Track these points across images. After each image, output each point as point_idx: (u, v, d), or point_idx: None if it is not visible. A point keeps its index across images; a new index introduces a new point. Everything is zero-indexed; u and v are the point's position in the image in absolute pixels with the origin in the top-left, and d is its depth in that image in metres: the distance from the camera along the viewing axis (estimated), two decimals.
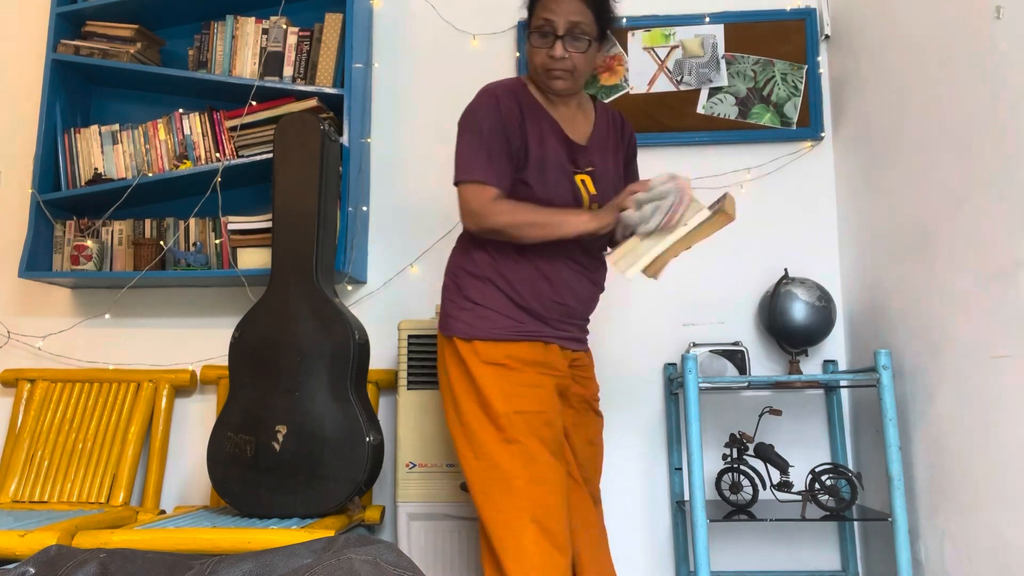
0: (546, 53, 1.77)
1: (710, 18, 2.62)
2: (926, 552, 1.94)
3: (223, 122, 2.54)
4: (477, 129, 1.75)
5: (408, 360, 2.24)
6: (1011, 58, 1.58)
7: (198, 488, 2.57)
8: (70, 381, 2.55)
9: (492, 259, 1.78)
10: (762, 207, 2.55)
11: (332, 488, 2.07)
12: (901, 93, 2.08)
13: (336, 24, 2.53)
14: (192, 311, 2.66)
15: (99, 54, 2.58)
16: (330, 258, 2.34)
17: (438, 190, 2.65)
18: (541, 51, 1.78)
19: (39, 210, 2.51)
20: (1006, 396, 1.60)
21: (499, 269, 1.78)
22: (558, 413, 1.75)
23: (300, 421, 2.11)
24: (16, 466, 2.42)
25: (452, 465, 2.19)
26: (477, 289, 1.78)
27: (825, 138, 2.56)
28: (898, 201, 2.09)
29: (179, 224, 2.59)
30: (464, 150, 1.75)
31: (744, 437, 2.14)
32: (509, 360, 1.72)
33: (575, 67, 1.77)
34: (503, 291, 1.77)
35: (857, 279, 2.38)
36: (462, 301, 1.78)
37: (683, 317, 2.53)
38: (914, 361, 2.00)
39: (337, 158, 2.42)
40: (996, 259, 1.63)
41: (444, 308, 1.82)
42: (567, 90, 1.82)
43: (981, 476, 1.70)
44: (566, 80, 1.79)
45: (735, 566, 2.42)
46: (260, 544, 1.83)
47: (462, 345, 1.75)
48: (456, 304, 1.79)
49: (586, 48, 1.77)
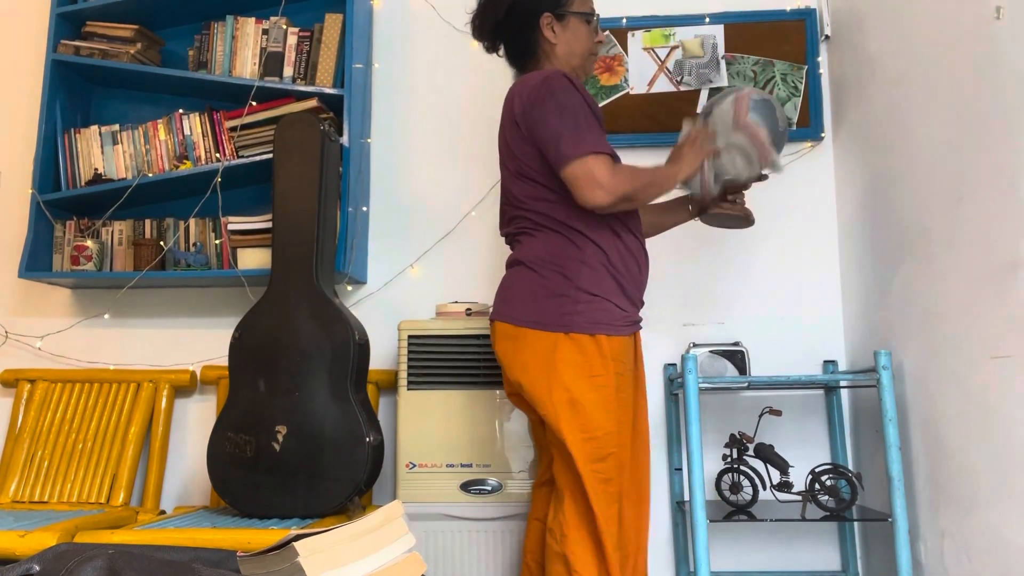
0: (595, 39, 1.87)
1: (710, 18, 2.62)
2: (926, 552, 1.94)
3: (223, 122, 2.54)
4: (570, 106, 1.71)
5: (408, 360, 2.24)
6: (1011, 58, 1.58)
7: (198, 488, 2.57)
8: (70, 381, 2.55)
9: (598, 247, 1.75)
10: (762, 207, 2.55)
11: (332, 488, 2.07)
12: (901, 93, 2.08)
13: (336, 24, 2.53)
14: (192, 311, 2.66)
15: (99, 54, 2.58)
16: (330, 258, 2.34)
17: (438, 190, 2.65)
18: (589, 37, 1.86)
19: (39, 210, 2.51)
20: (1006, 396, 1.60)
21: (608, 256, 1.76)
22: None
23: (300, 421, 2.11)
24: (16, 466, 2.42)
25: (452, 465, 2.19)
26: (590, 278, 1.73)
27: (825, 138, 2.56)
28: (898, 201, 2.09)
29: (179, 224, 2.59)
30: (568, 127, 1.69)
31: (744, 437, 2.14)
32: (622, 360, 1.74)
33: None
34: (616, 279, 1.76)
35: (857, 279, 2.38)
36: (575, 292, 1.72)
37: (683, 317, 2.53)
38: (914, 361, 2.00)
39: (337, 158, 2.42)
40: (996, 259, 1.63)
41: (548, 301, 1.73)
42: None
43: (981, 476, 1.70)
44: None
45: (735, 566, 2.42)
46: (260, 544, 1.83)
47: (584, 340, 1.71)
48: (569, 297, 1.72)
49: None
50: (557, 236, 1.77)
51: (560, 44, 1.84)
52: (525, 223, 1.83)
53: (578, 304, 1.72)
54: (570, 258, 1.75)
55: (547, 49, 1.86)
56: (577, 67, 1.86)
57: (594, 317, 1.72)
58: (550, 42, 1.84)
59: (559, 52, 1.85)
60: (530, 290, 1.76)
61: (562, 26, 1.82)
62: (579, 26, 1.83)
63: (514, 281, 1.81)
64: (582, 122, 1.69)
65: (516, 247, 1.87)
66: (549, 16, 1.83)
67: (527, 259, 1.79)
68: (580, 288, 1.73)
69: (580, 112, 1.70)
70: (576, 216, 1.75)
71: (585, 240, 1.75)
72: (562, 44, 1.84)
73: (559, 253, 1.76)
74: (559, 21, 1.82)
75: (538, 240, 1.79)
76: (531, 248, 1.80)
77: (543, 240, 1.78)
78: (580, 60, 1.86)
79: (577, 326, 1.71)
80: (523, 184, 1.81)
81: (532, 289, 1.76)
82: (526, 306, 1.76)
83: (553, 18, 1.83)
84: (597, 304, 1.73)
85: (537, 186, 1.78)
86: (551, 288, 1.74)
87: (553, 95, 1.71)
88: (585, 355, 1.71)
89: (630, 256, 1.80)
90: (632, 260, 1.80)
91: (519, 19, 1.85)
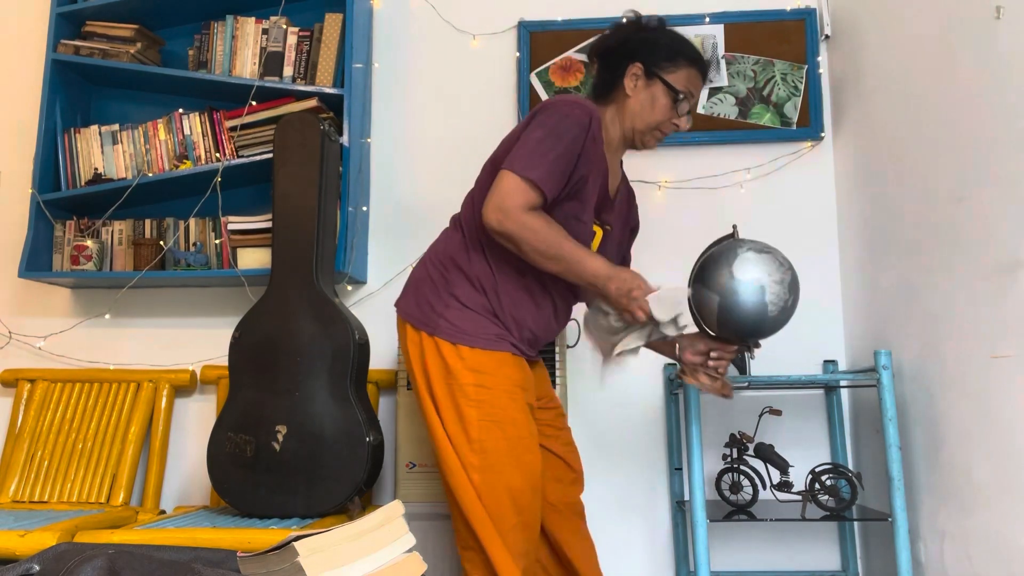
0: (673, 119, 1.74)
1: (710, 18, 2.62)
2: (926, 552, 1.94)
3: (223, 122, 2.54)
4: (558, 132, 1.61)
5: None
6: (1011, 58, 1.58)
7: (198, 488, 2.57)
8: (70, 381, 2.55)
9: (491, 269, 1.69)
10: (762, 207, 2.55)
11: (332, 488, 2.07)
12: (901, 93, 2.08)
13: (336, 24, 2.53)
14: (192, 311, 2.66)
15: (99, 54, 2.58)
16: (330, 258, 2.34)
17: (438, 190, 2.65)
18: (667, 113, 1.73)
19: (39, 210, 2.51)
20: (1006, 396, 1.60)
21: (495, 282, 1.69)
22: (535, 436, 1.69)
23: (300, 421, 2.11)
24: (16, 466, 2.42)
25: None
26: (465, 291, 1.69)
27: (825, 138, 2.56)
28: (898, 201, 2.09)
29: (179, 224, 2.59)
30: (533, 144, 1.60)
31: (744, 437, 2.14)
32: (491, 373, 1.64)
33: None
34: (490, 304, 1.69)
35: (857, 279, 2.38)
36: (447, 297, 1.69)
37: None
38: (914, 361, 2.00)
39: (337, 158, 2.42)
40: (996, 259, 1.63)
41: (424, 298, 1.71)
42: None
43: (981, 476, 1.70)
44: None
45: (735, 566, 2.42)
46: (260, 544, 1.83)
47: (446, 347, 1.66)
48: (440, 300, 1.69)
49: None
50: (459, 238, 1.75)
51: (634, 99, 1.74)
52: (455, 215, 1.83)
53: (447, 309, 1.68)
54: (454, 262, 1.72)
55: (621, 97, 1.76)
56: (637, 130, 1.75)
57: (460, 326, 1.66)
58: (625, 92, 1.74)
59: (630, 106, 1.74)
60: (417, 281, 1.76)
61: (646, 84, 1.73)
62: (661, 96, 1.72)
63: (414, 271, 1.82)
64: (549, 152, 1.59)
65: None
66: (639, 68, 1.73)
67: (428, 251, 1.81)
68: (452, 294, 1.69)
69: (558, 145, 1.60)
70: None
71: (480, 256, 1.70)
72: (636, 101, 1.73)
73: (448, 252, 1.74)
74: (646, 78, 1.73)
75: (450, 237, 1.78)
76: (436, 241, 1.81)
77: (450, 238, 1.77)
78: (644, 126, 1.74)
79: (443, 331, 1.67)
80: (479, 179, 1.79)
81: (419, 281, 1.76)
82: (406, 297, 1.77)
83: (643, 72, 1.73)
84: (467, 315, 1.67)
85: (480, 187, 1.76)
86: (425, 284, 1.73)
87: (560, 115, 1.63)
88: (444, 360, 1.66)
89: (530, 303, 1.72)
90: (530, 307, 1.72)
91: (620, 55, 1.76)
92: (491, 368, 1.65)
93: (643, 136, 1.76)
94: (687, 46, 1.77)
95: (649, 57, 1.73)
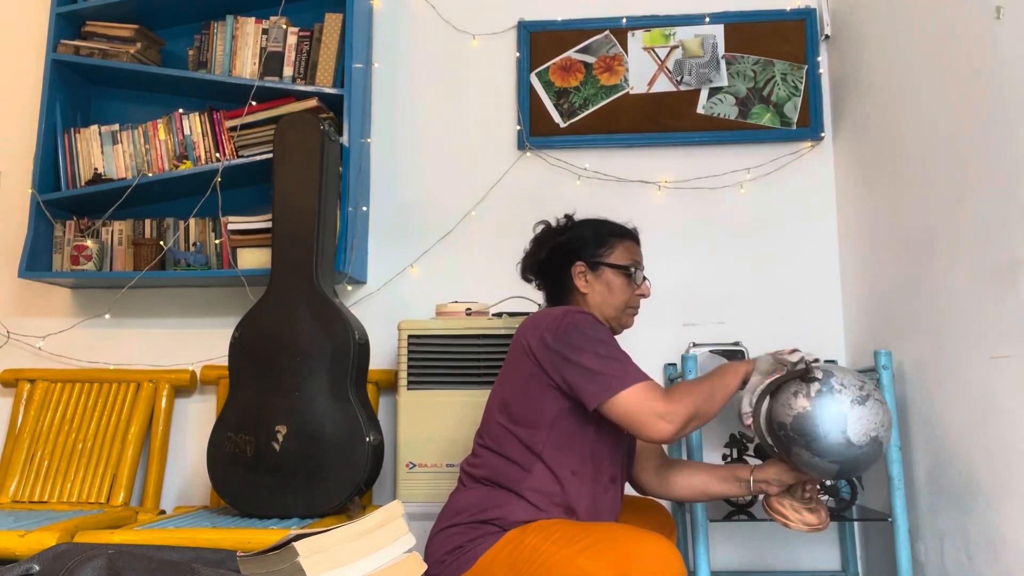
0: (636, 292, 1.77)
1: (710, 18, 2.62)
2: (926, 552, 1.94)
3: (223, 122, 2.54)
4: (600, 339, 1.61)
5: (408, 360, 2.23)
6: (1011, 58, 1.58)
7: (198, 488, 2.57)
8: (70, 381, 2.55)
9: (561, 487, 1.62)
10: (762, 207, 2.55)
11: (332, 488, 2.07)
12: (901, 93, 2.08)
13: (336, 24, 2.53)
14: (192, 311, 2.66)
15: (99, 54, 2.58)
16: (330, 258, 2.34)
17: (438, 190, 2.65)
18: (629, 289, 1.76)
19: (39, 210, 2.51)
20: (1006, 396, 1.60)
21: (567, 497, 1.62)
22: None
23: (300, 421, 2.11)
24: (16, 466, 2.42)
25: (452, 465, 2.19)
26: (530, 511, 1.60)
27: (825, 138, 2.56)
28: (898, 201, 2.09)
29: (179, 224, 2.59)
30: (603, 361, 1.57)
31: (744, 437, 2.14)
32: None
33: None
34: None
35: (857, 279, 2.38)
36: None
37: (683, 317, 2.53)
38: (914, 361, 2.00)
39: (337, 158, 2.42)
40: (996, 259, 1.63)
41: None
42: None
43: (981, 476, 1.70)
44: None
45: (735, 566, 2.42)
46: (260, 544, 1.83)
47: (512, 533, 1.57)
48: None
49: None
50: (511, 463, 1.66)
51: (592, 294, 1.76)
52: (467, 472, 1.73)
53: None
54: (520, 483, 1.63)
55: (578, 298, 1.78)
56: (611, 318, 1.78)
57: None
58: (580, 291, 1.76)
59: (591, 301, 1.76)
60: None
61: (595, 276, 1.75)
62: (614, 278, 1.75)
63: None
64: (616, 353, 1.59)
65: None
66: (582, 265, 1.76)
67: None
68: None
69: (613, 344, 1.61)
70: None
71: (548, 473, 1.63)
72: (594, 294, 1.76)
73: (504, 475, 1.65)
74: (592, 271, 1.76)
75: (497, 461, 1.67)
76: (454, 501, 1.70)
77: (501, 462, 1.67)
78: (614, 312, 1.77)
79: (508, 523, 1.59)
80: (488, 413, 1.73)
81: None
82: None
83: (586, 267, 1.76)
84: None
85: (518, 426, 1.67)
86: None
87: (583, 328, 1.61)
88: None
89: (592, 508, 1.66)
90: (592, 511, 1.65)
91: (556, 263, 1.79)
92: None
93: (619, 319, 1.79)
94: (607, 225, 1.82)
95: (584, 252, 1.77)
